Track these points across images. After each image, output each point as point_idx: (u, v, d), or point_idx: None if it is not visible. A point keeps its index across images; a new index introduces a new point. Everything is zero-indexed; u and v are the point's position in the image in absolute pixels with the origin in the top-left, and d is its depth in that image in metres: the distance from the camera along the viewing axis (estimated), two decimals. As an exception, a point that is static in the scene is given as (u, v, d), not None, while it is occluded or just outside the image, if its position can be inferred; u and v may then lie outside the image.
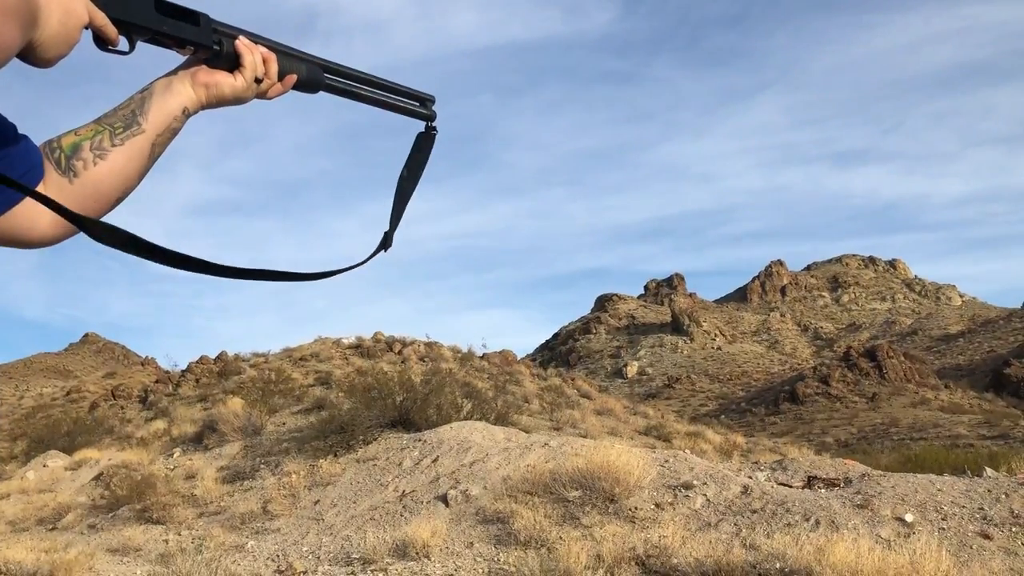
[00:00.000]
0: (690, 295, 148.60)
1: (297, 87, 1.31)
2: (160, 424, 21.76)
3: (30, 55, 0.94)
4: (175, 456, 16.15)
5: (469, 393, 18.14)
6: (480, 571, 7.20)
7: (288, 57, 1.29)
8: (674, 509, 7.80)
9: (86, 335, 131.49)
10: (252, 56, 1.22)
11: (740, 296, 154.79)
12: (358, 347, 30.67)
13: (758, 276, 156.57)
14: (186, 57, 1.22)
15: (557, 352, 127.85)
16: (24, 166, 1.08)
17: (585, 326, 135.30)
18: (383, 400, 13.82)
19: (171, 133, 1.21)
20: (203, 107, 1.23)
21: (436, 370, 24.85)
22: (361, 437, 12.61)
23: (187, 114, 1.21)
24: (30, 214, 1.10)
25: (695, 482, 8.22)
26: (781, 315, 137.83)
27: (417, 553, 7.64)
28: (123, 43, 1.08)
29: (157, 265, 1.04)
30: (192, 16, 1.14)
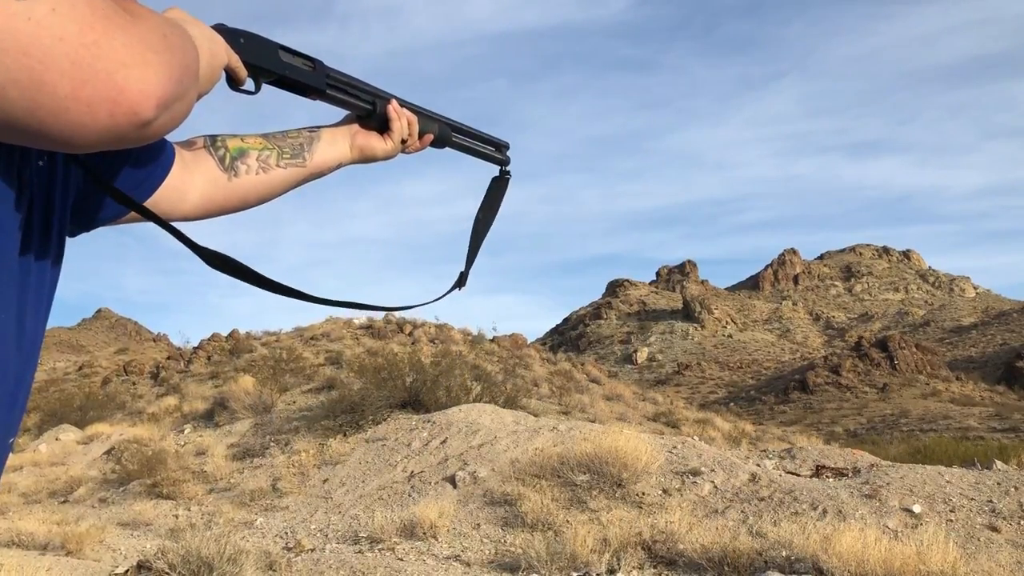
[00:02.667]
0: (702, 282, 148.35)
1: (431, 144, 1.45)
2: (171, 400, 21.89)
3: None
4: (186, 432, 16.27)
5: (479, 376, 18.18)
6: (486, 552, 7.24)
7: (425, 118, 1.42)
8: (681, 495, 7.81)
9: (99, 310, 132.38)
10: (400, 122, 1.36)
11: (752, 284, 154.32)
12: (369, 328, 30.73)
13: (771, 264, 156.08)
14: (346, 113, 1.37)
15: (567, 337, 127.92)
16: (151, 167, 1.14)
17: (596, 311, 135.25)
18: (393, 381, 13.87)
19: (320, 176, 1.35)
20: (354, 163, 1.38)
21: (446, 352, 24.92)
22: (371, 417, 12.66)
23: (340, 166, 1.37)
24: (177, 191, 1.18)
25: (703, 469, 8.23)
26: (793, 304, 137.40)
27: (424, 533, 7.68)
28: (250, 84, 1.19)
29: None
30: (309, 62, 1.25)
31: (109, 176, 1.06)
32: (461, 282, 1.46)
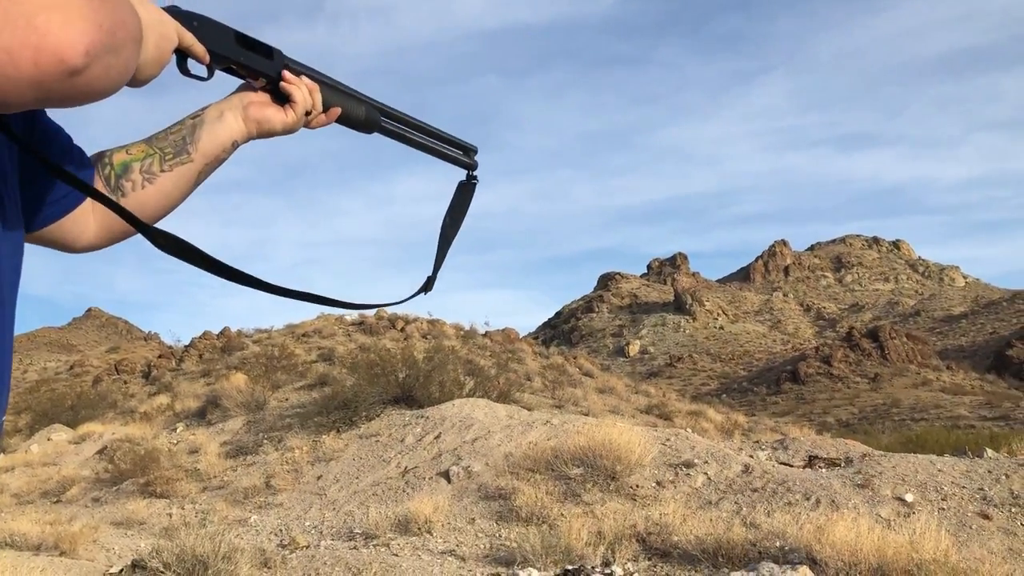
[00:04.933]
0: (693, 274, 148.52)
1: (355, 126, 1.35)
2: (163, 399, 21.84)
3: None
4: (178, 431, 16.22)
5: (472, 370, 18.19)
6: (481, 547, 7.25)
7: (344, 96, 1.33)
8: (675, 487, 7.84)
9: (89, 310, 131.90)
10: (301, 91, 1.24)
11: (743, 276, 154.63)
12: (361, 324, 30.70)
13: (761, 256, 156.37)
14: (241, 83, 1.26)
15: (560, 330, 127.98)
16: (84, 177, 1.11)
17: (588, 305, 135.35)
18: (386, 377, 13.85)
19: (218, 163, 1.24)
20: (251, 139, 1.26)
21: (439, 347, 24.88)
22: (364, 413, 12.65)
23: (235, 146, 1.24)
24: (81, 222, 1.14)
25: (696, 461, 8.25)
26: (784, 295, 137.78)
27: (419, 528, 7.69)
28: (202, 70, 1.14)
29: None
30: (266, 50, 1.20)
31: (35, 183, 1.02)
32: (428, 286, 1.40)
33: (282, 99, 1.25)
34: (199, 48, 1.09)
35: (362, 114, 1.35)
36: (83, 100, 0.76)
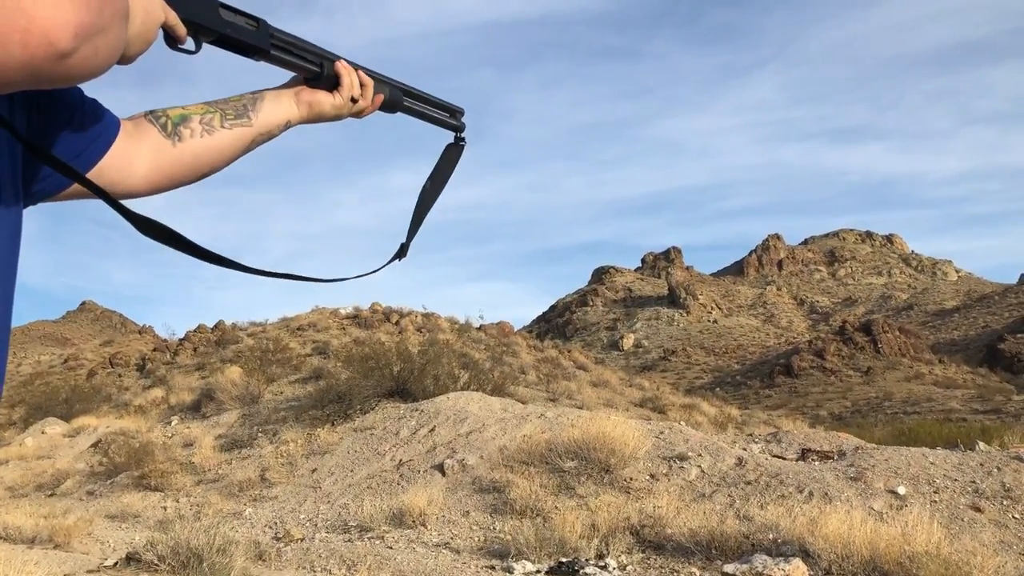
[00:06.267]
0: (687, 268, 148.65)
1: (381, 108, 1.41)
2: (158, 392, 21.81)
3: None
4: (173, 424, 16.21)
5: (466, 364, 18.21)
6: (476, 539, 7.27)
7: (377, 81, 1.39)
8: (669, 480, 7.87)
9: (84, 303, 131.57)
10: (350, 78, 1.33)
11: (737, 270, 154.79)
12: (355, 317, 30.66)
13: (755, 250, 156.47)
14: (291, 75, 1.33)
15: (554, 324, 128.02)
16: (94, 132, 1.11)
17: (582, 298, 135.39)
18: (380, 370, 13.85)
19: (269, 137, 1.30)
20: (303, 122, 1.33)
21: (433, 341, 24.90)
22: (358, 407, 12.66)
23: (288, 125, 1.32)
24: (123, 161, 1.15)
25: (690, 454, 8.28)
26: (777, 289, 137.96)
27: (414, 521, 7.71)
28: (190, 44, 1.14)
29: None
30: (253, 21, 1.21)
31: (45, 144, 1.03)
32: (402, 253, 1.41)
33: (330, 87, 1.32)
34: (181, 29, 1.09)
35: (387, 94, 1.40)
36: (74, 80, 0.76)
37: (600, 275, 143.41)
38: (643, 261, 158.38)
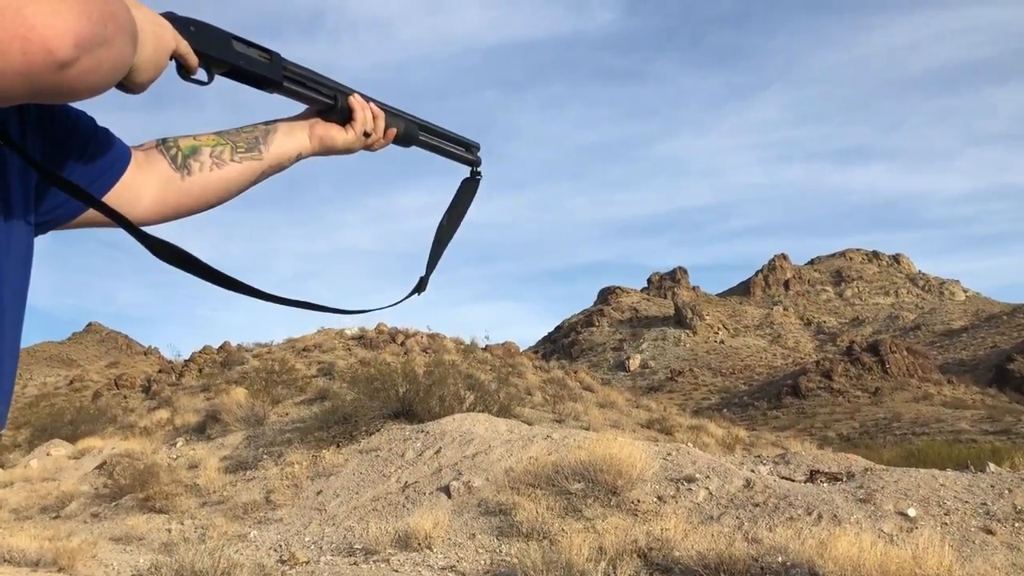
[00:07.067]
0: (693, 288, 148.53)
1: (396, 142, 1.43)
2: (163, 413, 21.78)
3: (125, 79, 0.98)
4: (178, 445, 16.17)
5: (472, 385, 18.13)
6: (482, 562, 7.21)
7: (390, 115, 1.41)
8: (676, 502, 7.80)
9: (89, 324, 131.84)
10: (364, 113, 1.34)
11: (743, 290, 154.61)
12: (361, 338, 30.64)
13: (761, 270, 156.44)
14: (304, 107, 1.34)
15: (560, 344, 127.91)
16: (106, 162, 1.13)
17: (588, 319, 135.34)
18: (386, 391, 13.82)
19: (280, 169, 1.32)
20: (314, 155, 1.35)
21: (439, 361, 24.84)
22: (364, 428, 12.62)
23: (299, 158, 1.33)
24: (131, 191, 1.16)
25: (698, 475, 8.22)
26: (784, 309, 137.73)
27: (419, 544, 7.65)
28: (202, 74, 1.15)
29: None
30: (266, 54, 1.22)
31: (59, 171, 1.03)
32: (421, 287, 1.42)
33: (343, 120, 1.33)
34: (192, 59, 1.10)
35: (401, 128, 1.41)
36: (75, 94, 0.75)
37: (606, 295, 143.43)
38: (649, 281, 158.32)
